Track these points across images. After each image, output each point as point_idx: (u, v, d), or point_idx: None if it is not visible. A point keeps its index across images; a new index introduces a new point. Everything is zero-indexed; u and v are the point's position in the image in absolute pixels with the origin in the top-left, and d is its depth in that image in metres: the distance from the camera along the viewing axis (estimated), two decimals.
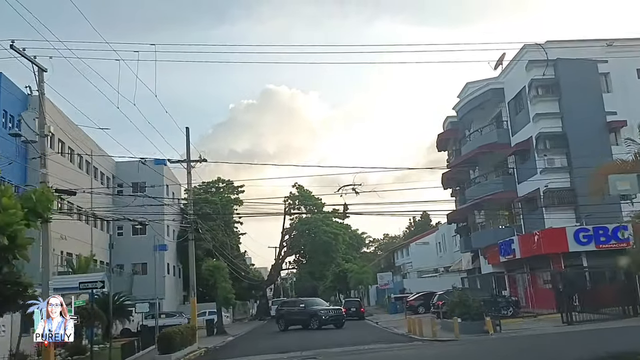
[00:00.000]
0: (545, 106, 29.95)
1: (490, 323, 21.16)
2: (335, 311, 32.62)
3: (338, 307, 34.68)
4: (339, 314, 32.17)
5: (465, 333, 21.44)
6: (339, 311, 32.72)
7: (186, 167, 26.82)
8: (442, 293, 31.03)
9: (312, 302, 35.00)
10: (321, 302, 36.41)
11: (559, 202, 28.75)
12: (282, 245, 61.88)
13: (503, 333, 21.36)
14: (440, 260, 62.14)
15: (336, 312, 32.49)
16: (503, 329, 21.96)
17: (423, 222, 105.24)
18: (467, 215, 39.72)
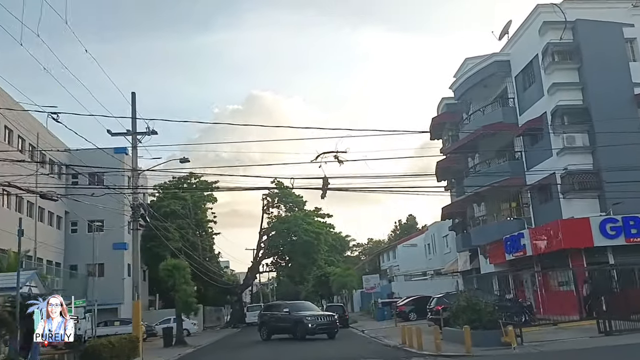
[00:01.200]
0: (563, 75, 25.46)
1: (513, 333, 16.43)
2: (325, 318, 27.11)
3: (330, 314, 28.37)
4: (330, 321, 26.71)
5: (477, 346, 16.74)
6: (330, 318, 27.06)
7: (131, 141, 21.91)
8: (441, 296, 26.28)
9: (298, 306, 29.51)
10: (311, 306, 30.73)
11: (580, 187, 24.21)
12: (260, 246, 56.96)
13: (527, 346, 16.70)
14: (429, 262, 57.68)
15: (327, 319, 26.97)
16: (525, 340, 17.32)
17: (409, 225, 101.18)
18: (465, 209, 35.12)
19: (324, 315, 27.84)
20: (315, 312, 28.40)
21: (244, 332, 43.88)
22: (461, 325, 19.68)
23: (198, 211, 55.12)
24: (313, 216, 58.07)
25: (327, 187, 15.46)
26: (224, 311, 65.97)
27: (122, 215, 38.03)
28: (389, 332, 28.23)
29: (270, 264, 59.89)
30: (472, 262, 36.23)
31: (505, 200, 30.46)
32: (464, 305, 19.02)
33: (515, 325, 18.19)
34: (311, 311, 28.06)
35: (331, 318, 26.91)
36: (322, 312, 29.56)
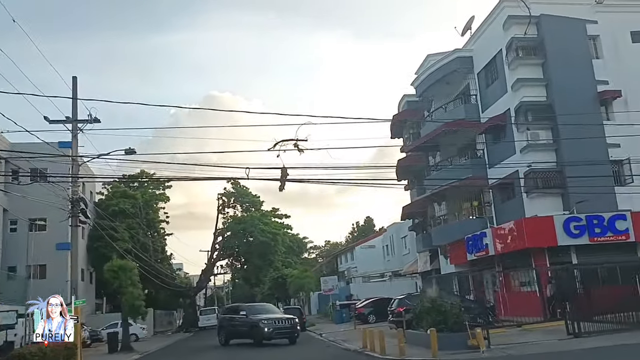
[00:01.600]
0: (527, 71, 24.97)
1: (481, 336, 15.50)
2: (285, 321, 24.41)
3: (290, 317, 25.58)
4: (290, 325, 24.16)
5: (443, 349, 15.75)
6: (290, 322, 24.44)
7: (71, 130, 20.06)
8: (403, 297, 25.31)
9: (257, 309, 27.04)
10: (271, 309, 28.22)
11: (544, 185, 23.71)
12: (215, 247, 55.00)
13: (495, 349, 15.80)
14: (387, 264, 57.01)
15: (286, 322, 24.35)
16: (492, 343, 16.44)
17: (366, 227, 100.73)
18: (425, 208, 34.43)
19: (283, 318, 24.96)
20: (275, 315, 25.68)
21: (196, 337, 42.02)
22: (425, 327, 18.71)
23: (149, 211, 52.82)
24: (270, 216, 56.56)
25: (286, 178, 14.15)
26: (176, 315, 63.63)
27: (65, 213, 35.66)
28: (348, 336, 27.13)
29: (225, 266, 58.06)
30: (433, 263, 35.55)
31: (466, 199, 29.86)
32: (429, 306, 18.05)
33: (480, 327, 17.33)
34: (270, 314, 25.50)
35: (291, 321, 24.37)
36: (282, 315, 26.37)
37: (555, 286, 22.58)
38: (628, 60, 25.11)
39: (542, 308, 22.14)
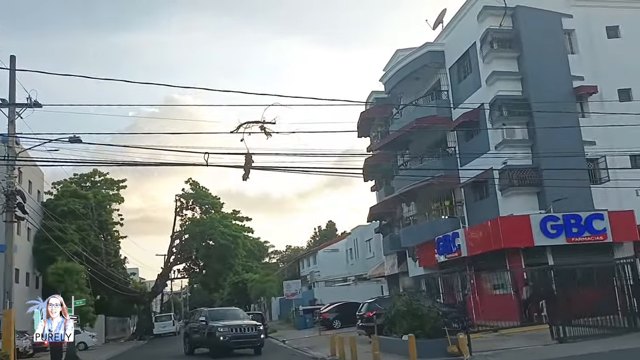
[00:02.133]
0: (502, 64, 24.02)
1: (465, 342, 14.15)
2: (247, 329, 20.91)
3: (254, 323, 22.03)
4: (254, 333, 20.87)
5: (422, 357, 14.37)
6: (254, 329, 21.08)
7: (8, 115, 17.86)
8: (373, 301, 23.84)
9: (220, 314, 23.65)
10: (235, 314, 23.97)
11: (520, 183, 22.71)
12: (172, 251, 52.54)
13: (477, 356, 14.49)
14: (351, 268, 55.74)
15: (248, 330, 20.90)
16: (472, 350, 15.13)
17: (328, 232, 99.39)
18: (393, 208, 33.19)
19: (245, 325, 21.26)
20: (237, 321, 21.85)
21: (150, 345, 39.66)
22: (399, 333, 17.32)
23: (102, 212, 49.93)
24: (231, 219, 54.47)
25: (251, 166, 12.49)
26: (130, 322, 60.68)
27: None
28: (313, 342, 25.55)
29: (182, 270, 55.51)
30: (400, 266, 34.33)
31: (437, 198, 28.76)
32: (404, 310, 16.64)
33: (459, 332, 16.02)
34: (233, 320, 21.90)
35: (255, 329, 21.08)
36: (245, 321, 22.21)
37: (531, 288, 21.60)
38: (603, 55, 24.47)
39: (519, 312, 21.05)
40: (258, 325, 21.81)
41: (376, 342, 15.05)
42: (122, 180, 54.22)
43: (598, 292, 18.50)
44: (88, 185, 52.61)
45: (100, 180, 53.46)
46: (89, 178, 53.50)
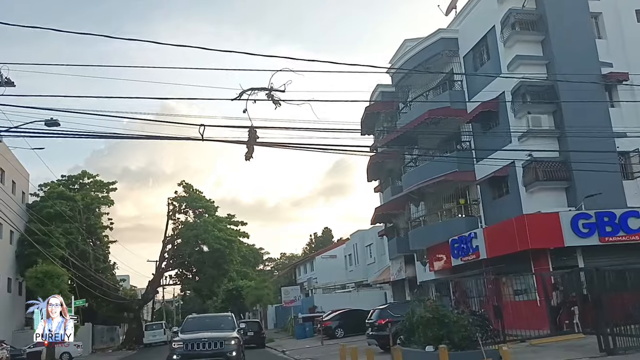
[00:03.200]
0: (526, 48, 22.02)
1: (509, 355, 11.96)
2: (211, 344, 15.49)
3: (229, 336, 16.17)
4: (217, 350, 15.42)
5: None
6: (219, 344, 15.55)
7: None
8: (385, 307, 21.64)
9: (198, 322, 18.76)
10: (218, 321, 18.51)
11: (547, 177, 20.63)
12: (163, 256, 50.17)
13: None
14: (350, 274, 53.53)
15: (214, 345, 15.49)
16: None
17: (324, 239, 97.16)
18: (400, 209, 31.05)
19: (208, 339, 15.69)
20: (208, 333, 16.33)
21: (140, 355, 37.34)
22: (420, 343, 15.15)
23: (90, 215, 47.55)
24: (225, 223, 52.16)
25: (255, 141, 10.36)
26: (119, 330, 58.08)
27: None
28: (316, 353, 23.41)
29: (175, 276, 53.06)
30: (408, 271, 32.14)
31: (450, 197, 26.64)
32: (428, 317, 14.45)
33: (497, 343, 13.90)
34: (207, 331, 16.54)
35: (220, 344, 15.50)
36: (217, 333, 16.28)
37: (562, 294, 19.54)
38: (633, 40, 22.53)
39: (548, 319, 18.89)
40: (228, 338, 15.86)
41: (399, 354, 12.87)
42: (112, 183, 51.93)
43: None
44: (76, 187, 50.30)
45: (90, 183, 51.15)
46: (77, 180, 51.21)
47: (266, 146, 10.57)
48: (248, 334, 32.60)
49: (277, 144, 10.85)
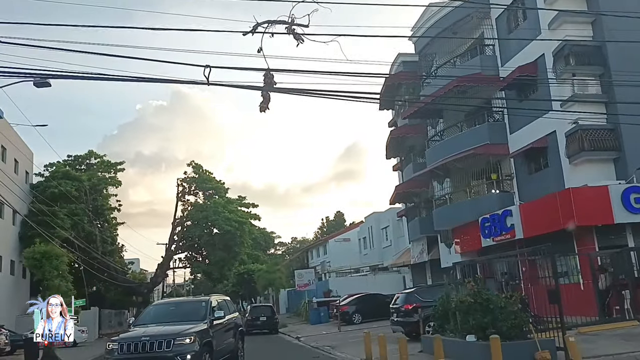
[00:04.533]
0: (570, 3, 19.73)
1: (575, 347, 10.00)
2: (159, 344, 11.04)
3: (184, 332, 11.47)
4: (163, 354, 10.99)
5: None
6: (171, 345, 11.06)
7: None
8: (412, 291, 19.67)
9: (159, 311, 14.29)
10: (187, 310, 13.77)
11: (594, 147, 18.46)
12: (173, 239, 48.60)
13: None
14: (364, 258, 51.70)
15: (160, 346, 11.03)
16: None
17: (337, 222, 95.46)
18: (423, 187, 29.00)
19: (161, 337, 11.28)
20: (166, 327, 12.04)
21: None
22: (458, 331, 13.25)
23: (97, 196, 45.97)
24: (236, 204, 50.39)
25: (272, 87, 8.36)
26: (127, 315, 56.77)
27: None
28: (334, 340, 21.60)
29: (184, 259, 51.50)
30: (431, 253, 30.17)
31: (479, 173, 24.49)
32: (469, 302, 12.50)
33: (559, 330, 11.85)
34: (164, 325, 12.29)
35: (168, 344, 11.08)
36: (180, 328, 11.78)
37: (611, 276, 17.48)
38: None
39: (597, 305, 16.87)
40: (183, 336, 11.34)
41: (439, 344, 10.95)
42: (120, 163, 50.33)
43: None
44: (83, 168, 48.77)
45: (97, 163, 49.56)
46: (84, 160, 49.67)
47: (284, 92, 8.57)
48: (260, 319, 31.02)
49: (299, 90, 8.84)
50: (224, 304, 14.84)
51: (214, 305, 13.50)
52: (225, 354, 13.47)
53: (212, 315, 12.92)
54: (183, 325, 11.91)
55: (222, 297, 15.99)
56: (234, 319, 15.08)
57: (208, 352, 11.86)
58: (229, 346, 13.92)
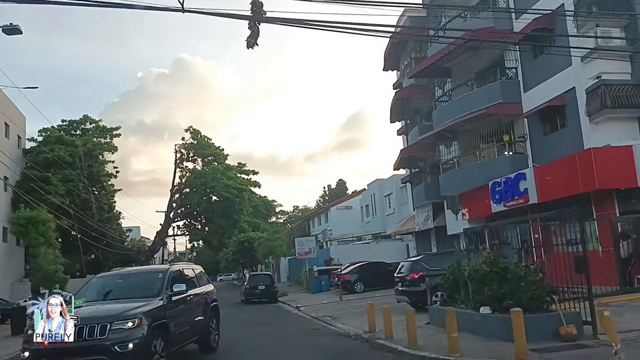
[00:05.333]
0: None
1: (611, 323, 8.77)
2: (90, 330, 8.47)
3: (125, 314, 8.90)
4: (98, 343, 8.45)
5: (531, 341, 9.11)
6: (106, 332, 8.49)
7: None
8: (418, 259, 18.45)
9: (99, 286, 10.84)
10: (140, 282, 10.98)
11: (617, 104, 16.98)
12: (171, 206, 47.47)
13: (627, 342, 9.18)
14: (367, 226, 50.64)
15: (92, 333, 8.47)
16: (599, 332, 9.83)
17: (338, 191, 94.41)
18: (429, 151, 27.59)
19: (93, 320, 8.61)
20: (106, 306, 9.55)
21: None
22: (470, 302, 12.08)
23: (93, 162, 44.71)
24: (236, 171, 49.08)
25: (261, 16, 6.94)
26: None
27: None
28: (334, 310, 20.59)
29: (183, 227, 50.46)
30: (436, 219, 28.97)
31: (489, 135, 23.02)
32: (485, 271, 11.26)
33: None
34: (106, 303, 9.83)
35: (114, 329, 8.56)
36: (121, 306, 9.24)
37: (634, 243, 16.26)
38: None
39: (617, 274, 15.65)
40: (123, 319, 8.77)
41: (453, 318, 9.74)
42: (116, 128, 48.96)
43: None
44: (78, 133, 47.35)
45: (92, 128, 48.12)
46: (79, 125, 48.21)
47: (276, 23, 7.14)
48: (259, 287, 30.06)
49: (293, 21, 7.40)
50: (192, 275, 12.32)
51: (174, 276, 10.84)
52: (190, 337, 11.06)
53: (170, 289, 10.20)
54: (128, 303, 9.36)
55: (190, 266, 13.50)
56: (204, 294, 12.37)
57: (161, 336, 9.33)
58: (196, 328, 11.40)
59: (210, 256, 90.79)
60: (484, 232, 14.99)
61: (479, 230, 15.10)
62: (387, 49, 29.53)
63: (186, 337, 10.80)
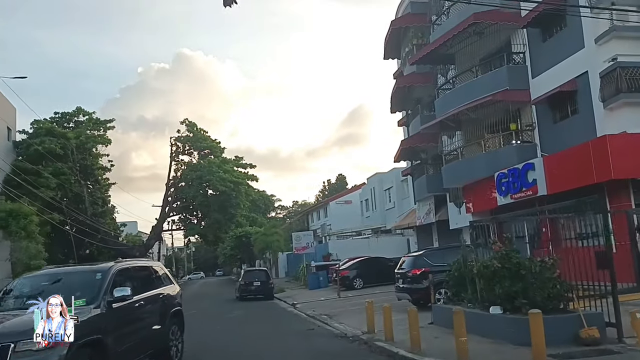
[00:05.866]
0: None
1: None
2: None
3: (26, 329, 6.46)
4: None
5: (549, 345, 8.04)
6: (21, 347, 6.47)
7: None
8: (420, 254, 17.35)
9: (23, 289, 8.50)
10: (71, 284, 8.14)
11: (634, 87, 15.84)
12: (167, 200, 46.43)
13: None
14: (366, 220, 49.54)
15: None
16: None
17: (338, 185, 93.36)
18: (431, 142, 26.45)
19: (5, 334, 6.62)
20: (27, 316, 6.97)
21: None
22: (477, 301, 11.02)
23: (87, 155, 43.54)
24: (232, 165, 48.02)
25: None
26: None
27: None
28: (332, 308, 19.55)
29: (178, 221, 49.44)
30: (439, 213, 27.87)
31: (495, 124, 21.85)
32: (496, 267, 10.17)
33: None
34: None
35: (20, 350, 6.48)
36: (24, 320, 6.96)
37: None
38: None
39: (635, 270, 14.56)
40: (22, 336, 6.53)
41: (461, 320, 8.65)
42: (110, 121, 47.72)
43: None
44: (71, 126, 46.18)
45: (85, 120, 46.93)
46: (72, 117, 46.98)
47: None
48: (254, 284, 29.02)
49: None
50: (149, 274, 10.08)
51: (118, 277, 8.45)
52: (140, 353, 8.75)
53: (110, 294, 7.93)
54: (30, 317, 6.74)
55: (147, 263, 11.06)
56: (162, 297, 10.01)
57: (94, 358, 7.17)
58: (150, 340, 9.19)
59: (210, 251, 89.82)
60: (492, 225, 13.89)
61: (487, 224, 14.00)
62: (388, 36, 28.35)
63: (135, 354, 8.52)
